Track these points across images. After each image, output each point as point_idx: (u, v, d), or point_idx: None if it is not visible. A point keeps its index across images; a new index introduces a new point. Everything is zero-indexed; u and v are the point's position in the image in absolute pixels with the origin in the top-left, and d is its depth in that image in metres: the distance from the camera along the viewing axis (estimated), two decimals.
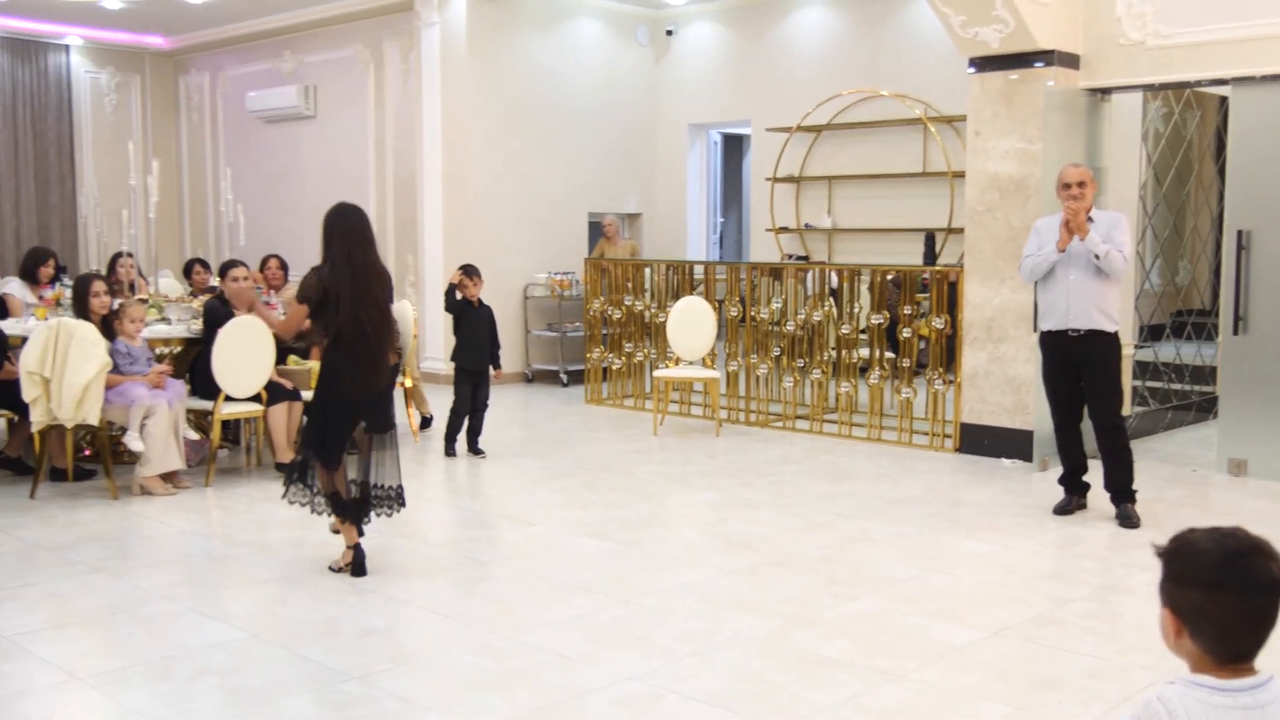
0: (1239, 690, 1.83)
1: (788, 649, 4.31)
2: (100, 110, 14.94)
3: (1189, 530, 1.90)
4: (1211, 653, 1.85)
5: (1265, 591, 1.81)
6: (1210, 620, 1.83)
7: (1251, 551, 1.83)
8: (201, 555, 5.63)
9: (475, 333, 7.91)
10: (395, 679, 4.01)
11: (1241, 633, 1.83)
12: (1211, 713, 1.81)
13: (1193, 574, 1.85)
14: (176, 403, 6.85)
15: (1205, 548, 1.85)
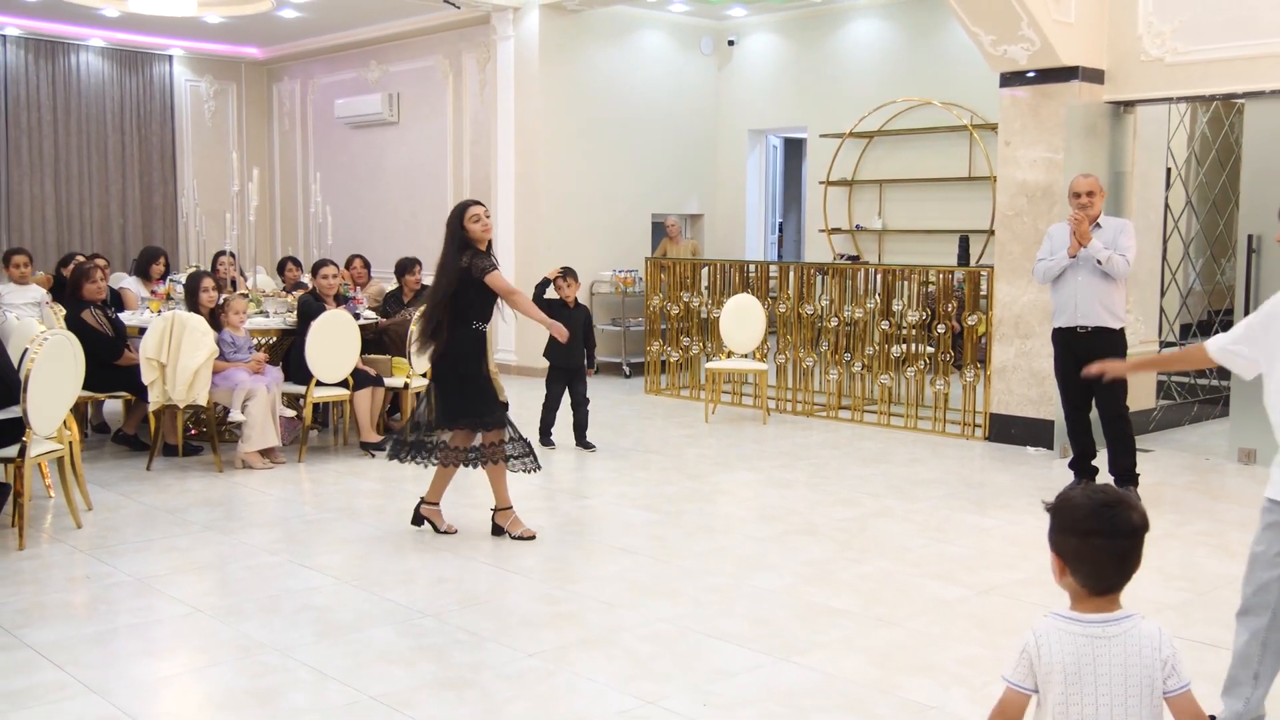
0: (1091, 623, 2.28)
1: (799, 601, 4.99)
2: (200, 117, 15.98)
3: (1069, 488, 2.39)
4: (1085, 586, 2.28)
5: (1127, 535, 2.25)
6: (1084, 560, 2.27)
7: (1116, 503, 2.26)
8: (297, 518, 6.44)
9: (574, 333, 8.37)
10: (462, 617, 4.76)
11: (1109, 569, 2.26)
12: (1065, 639, 2.27)
13: (1071, 523, 2.28)
14: (274, 387, 7.68)
15: (1080, 502, 2.29)
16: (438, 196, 13.72)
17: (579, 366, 8.34)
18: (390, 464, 7.72)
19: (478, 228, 5.73)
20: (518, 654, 4.33)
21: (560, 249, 12.15)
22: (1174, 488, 7.22)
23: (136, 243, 14.73)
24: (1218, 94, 7.84)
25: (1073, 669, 2.26)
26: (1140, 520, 2.27)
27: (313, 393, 7.86)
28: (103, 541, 5.81)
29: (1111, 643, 2.27)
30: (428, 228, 13.83)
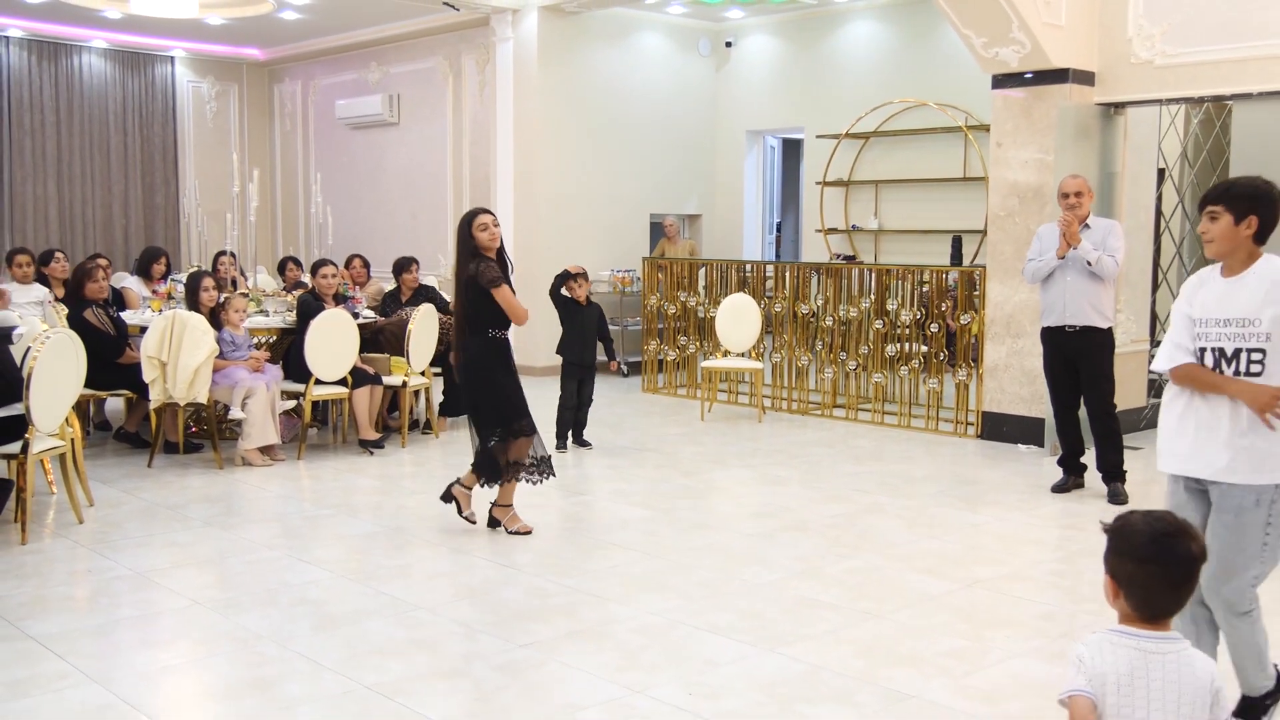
0: (1144, 637, 2.31)
1: (788, 595, 5.08)
2: (201, 117, 16.09)
3: (1130, 512, 2.39)
4: (1138, 610, 2.31)
5: (1183, 564, 2.29)
6: (1138, 585, 2.30)
7: (1176, 533, 2.30)
8: (295, 514, 6.54)
9: (582, 330, 8.38)
10: (457, 609, 4.86)
11: (1163, 596, 2.30)
12: (1118, 650, 2.30)
13: (1129, 549, 2.31)
14: (273, 385, 7.78)
15: (1140, 528, 2.32)
16: (437, 197, 13.83)
17: (591, 364, 8.40)
18: (389, 461, 7.88)
19: (485, 236, 5.81)
20: (509, 645, 4.43)
21: (559, 249, 12.25)
22: (1161, 484, 7.25)
23: (138, 242, 14.85)
24: (1206, 96, 7.93)
25: (1126, 679, 2.28)
26: (1199, 550, 2.30)
27: (312, 391, 7.95)
28: (104, 536, 5.91)
29: (1165, 659, 2.29)
30: (427, 228, 13.95)
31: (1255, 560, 3.51)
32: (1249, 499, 3.49)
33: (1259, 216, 3.50)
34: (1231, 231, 3.53)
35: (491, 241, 5.83)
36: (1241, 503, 3.51)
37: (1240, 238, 3.52)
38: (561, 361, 8.43)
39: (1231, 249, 3.56)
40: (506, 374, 5.97)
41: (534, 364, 12.24)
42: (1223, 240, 3.56)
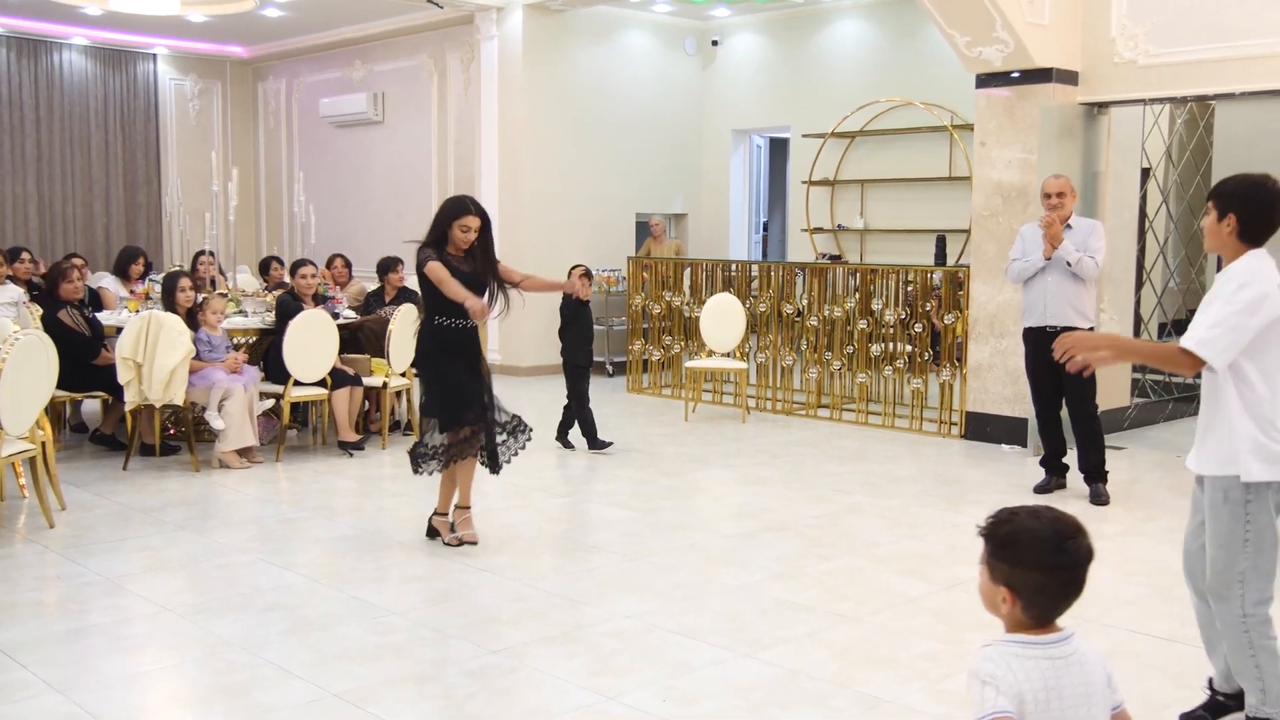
0: (1047, 644, 2.16)
1: (765, 597, 5.03)
2: (184, 115, 15.99)
3: (1012, 514, 2.22)
4: (1037, 619, 2.17)
5: (1084, 565, 2.16)
6: (1045, 595, 2.15)
7: (1076, 533, 2.17)
8: (272, 517, 6.48)
9: (588, 331, 8.34)
10: (429, 614, 4.80)
11: (1065, 601, 2.17)
12: (1026, 663, 2.13)
13: (1032, 558, 2.14)
14: (251, 386, 7.71)
15: (1041, 534, 2.16)
16: (422, 196, 13.75)
17: (588, 365, 8.36)
18: (369, 463, 7.82)
19: (462, 237, 5.61)
20: (481, 650, 4.37)
21: (544, 248, 12.20)
22: (1143, 484, 7.28)
23: (119, 242, 14.72)
24: (1189, 96, 7.90)
25: (1042, 694, 2.13)
26: (1092, 548, 2.19)
27: (290, 392, 7.88)
28: (76, 541, 5.84)
29: (1069, 663, 2.17)
30: (412, 227, 13.80)
31: (1239, 556, 3.46)
32: (1218, 495, 3.48)
33: (1236, 214, 3.45)
34: (1215, 228, 3.51)
35: (463, 244, 5.65)
36: (1213, 498, 3.50)
37: (1222, 235, 3.48)
38: (569, 364, 8.29)
39: (1217, 245, 3.54)
40: (453, 362, 5.68)
41: (520, 363, 12.20)
42: (1208, 237, 3.57)
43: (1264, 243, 3.48)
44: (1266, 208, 3.44)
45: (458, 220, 5.64)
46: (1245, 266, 3.41)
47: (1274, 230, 3.47)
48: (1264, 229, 3.46)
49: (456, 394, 5.69)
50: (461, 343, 5.75)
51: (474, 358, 5.80)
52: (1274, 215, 3.45)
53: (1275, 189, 3.45)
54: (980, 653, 2.18)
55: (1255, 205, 3.44)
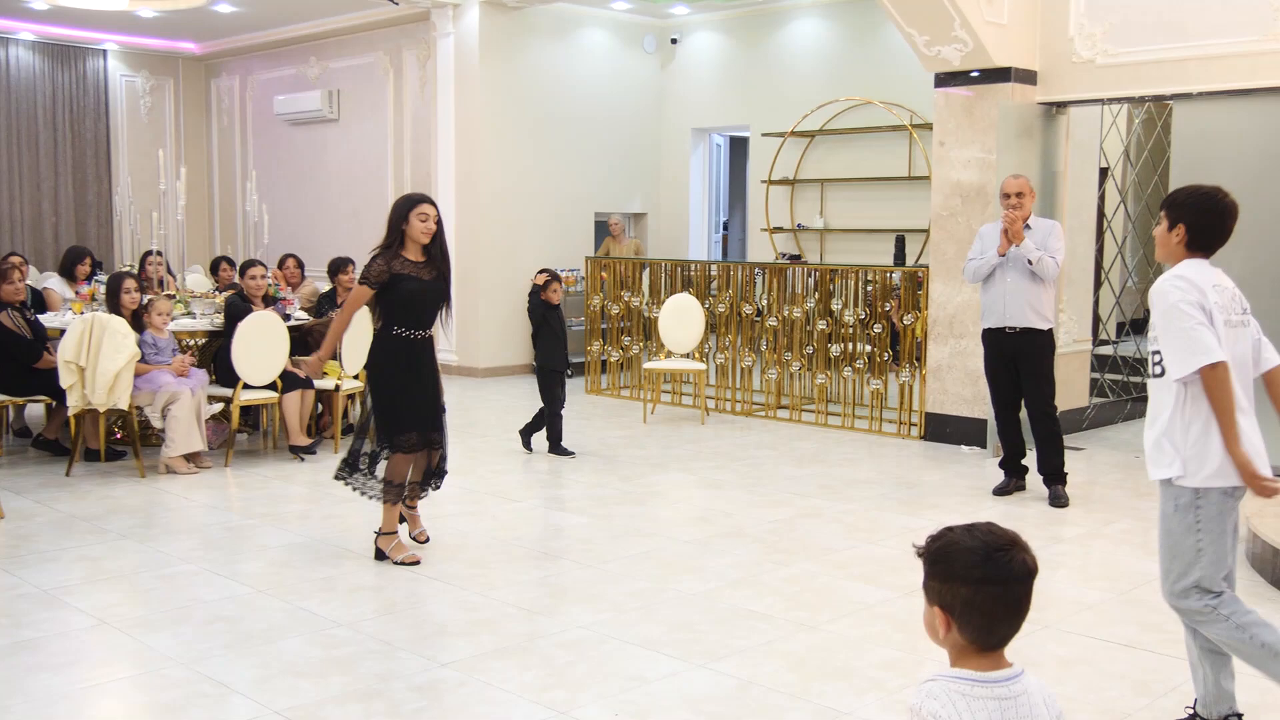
0: (994, 682, 2.01)
1: (721, 605, 4.94)
2: (135, 112, 15.71)
3: (947, 530, 2.07)
4: (976, 641, 2.01)
5: (1021, 580, 2.00)
6: (977, 611, 2.00)
7: (1009, 545, 2.02)
8: (218, 525, 6.31)
9: (561, 334, 8.18)
10: (378, 625, 4.67)
11: (1002, 620, 2.01)
12: (972, 703, 1.99)
13: (960, 571, 2.00)
14: (199, 390, 7.53)
15: (969, 545, 2.01)
16: (379, 194, 13.57)
17: (563, 369, 8.24)
18: (321, 468, 7.67)
19: (422, 226, 5.43)
20: (430, 664, 4.25)
21: (502, 248, 12.08)
22: (1102, 486, 7.25)
23: (69, 242, 14.44)
24: (1147, 95, 7.89)
25: None
26: (1033, 563, 2.04)
27: (239, 396, 7.71)
28: (12, 551, 5.66)
29: (1019, 702, 2.02)
30: (370, 226, 13.66)
31: (1193, 566, 3.40)
32: (1169, 503, 3.44)
33: (1185, 224, 3.44)
34: (1165, 238, 3.51)
35: (424, 235, 5.47)
36: (1164, 506, 3.46)
37: (1171, 244, 3.49)
38: (543, 369, 8.12)
39: (1166, 255, 3.54)
40: (405, 376, 5.43)
41: (476, 364, 12.06)
42: (1159, 246, 3.57)
43: (1212, 253, 3.47)
44: (1216, 218, 3.43)
45: (414, 210, 5.45)
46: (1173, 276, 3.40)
47: (1223, 241, 3.46)
48: (1213, 239, 3.45)
49: (407, 413, 5.45)
50: (417, 354, 5.48)
51: (429, 370, 5.56)
52: (1223, 226, 3.44)
53: (1225, 200, 3.45)
54: (923, 688, 2.03)
55: (1205, 216, 3.43)
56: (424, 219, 5.47)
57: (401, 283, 5.40)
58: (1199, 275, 3.40)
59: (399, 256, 5.44)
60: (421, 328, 5.49)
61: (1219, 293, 3.40)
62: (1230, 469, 3.35)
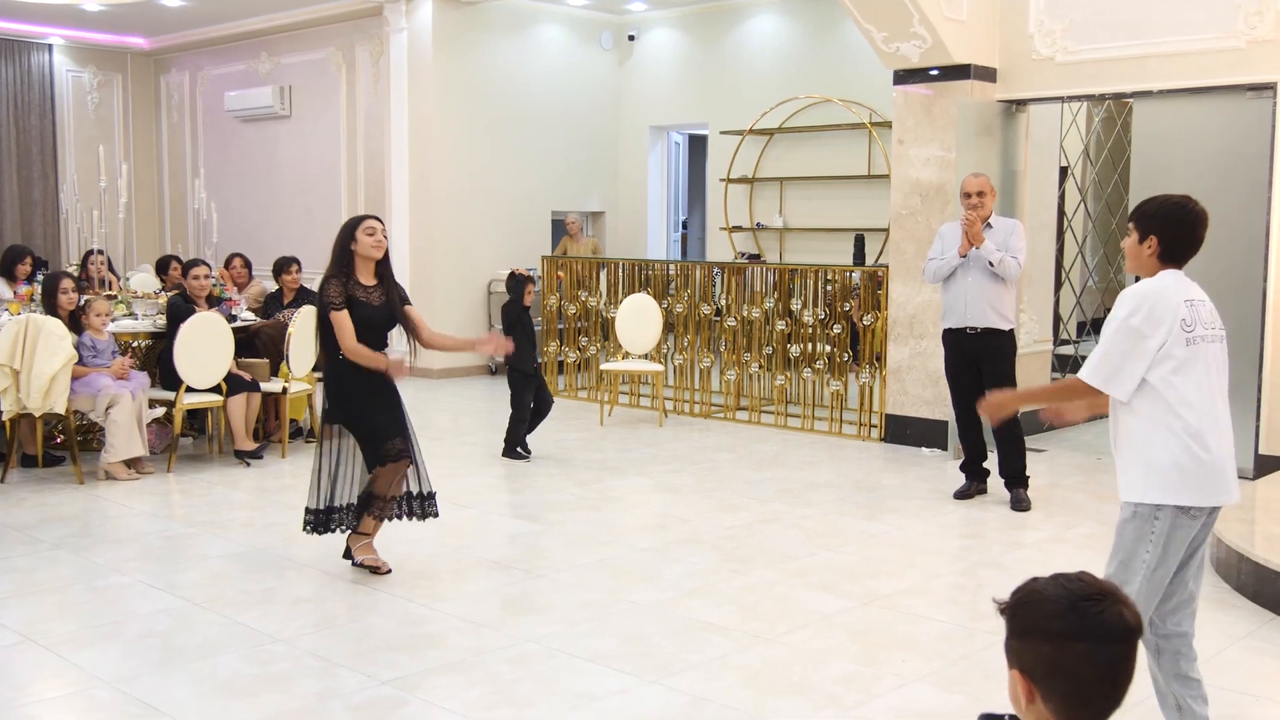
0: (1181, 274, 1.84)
1: (675, 616, 4.79)
2: (82, 108, 15.36)
3: (1032, 580, 1.76)
4: (1069, 713, 1.68)
5: (1118, 639, 1.66)
6: (1062, 675, 1.67)
7: (1102, 595, 1.69)
8: (156, 534, 6.09)
9: (532, 336, 8.01)
10: (317, 640, 4.48)
11: (1096, 688, 1.66)
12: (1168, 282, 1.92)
13: (1040, 624, 1.69)
14: (139, 393, 7.30)
15: (1051, 594, 1.70)
16: (331, 192, 13.33)
17: (536, 370, 8.08)
18: (266, 473, 7.46)
19: (370, 241, 5.16)
20: (370, 681, 4.07)
21: (457, 248, 11.88)
22: (1063, 488, 7.16)
23: (14, 240, 14.08)
24: (1107, 93, 7.81)
25: None
26: (1135, 619, 1.68)
27: (182, 399, 7.48)
28: None
29: None
30: (322, 224, 13.42)
31: (1136, 578, 3.28)
32: (1127, 510, 3.35)
33: (1158, 236, 3.32)
34: (1136, 250, 3.39)
35: (375, 249, 5.20)
36: (1123, 514, 3.36)
37: (1143, 257, 3.36)
38: (514, 371, 7.93)
39: (1137, 267, 3.42)
40: (367, 397, 5.21)
41: (432, 366, 11.85)
42: (1130, 259, 3.45)
43: (1184, 264, 3.36)
44: (1187, 229, 3.32)
45: (360, 226, 5.19)
46: (1144, 290, 3.28)
47: (1195, 250, 3.35)
48: (1185, 250, 3.34)
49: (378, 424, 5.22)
50: (370, 377, 5.21)
51: (390, 391, 5.31)
52: (1195, 235, 3.33)
53: (1195, 210, 3.34)
54: None
55: (1176, 227, 3.31)
56: (371, 233, 5.19)
57: (353, 308, 5.15)
58: (1174, 288, 3.28)
59: (351, 279, 5.20)
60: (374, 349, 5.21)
61: (1196, 308, 3.28)
62: None
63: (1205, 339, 3.28)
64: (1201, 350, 3.27)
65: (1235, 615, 4.82)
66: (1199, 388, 3.26)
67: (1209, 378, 3.28)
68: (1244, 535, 5.32)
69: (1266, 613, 4.85)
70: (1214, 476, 3.26)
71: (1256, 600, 4.95)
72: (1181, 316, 3.23)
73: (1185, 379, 3.25)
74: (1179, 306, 3.24)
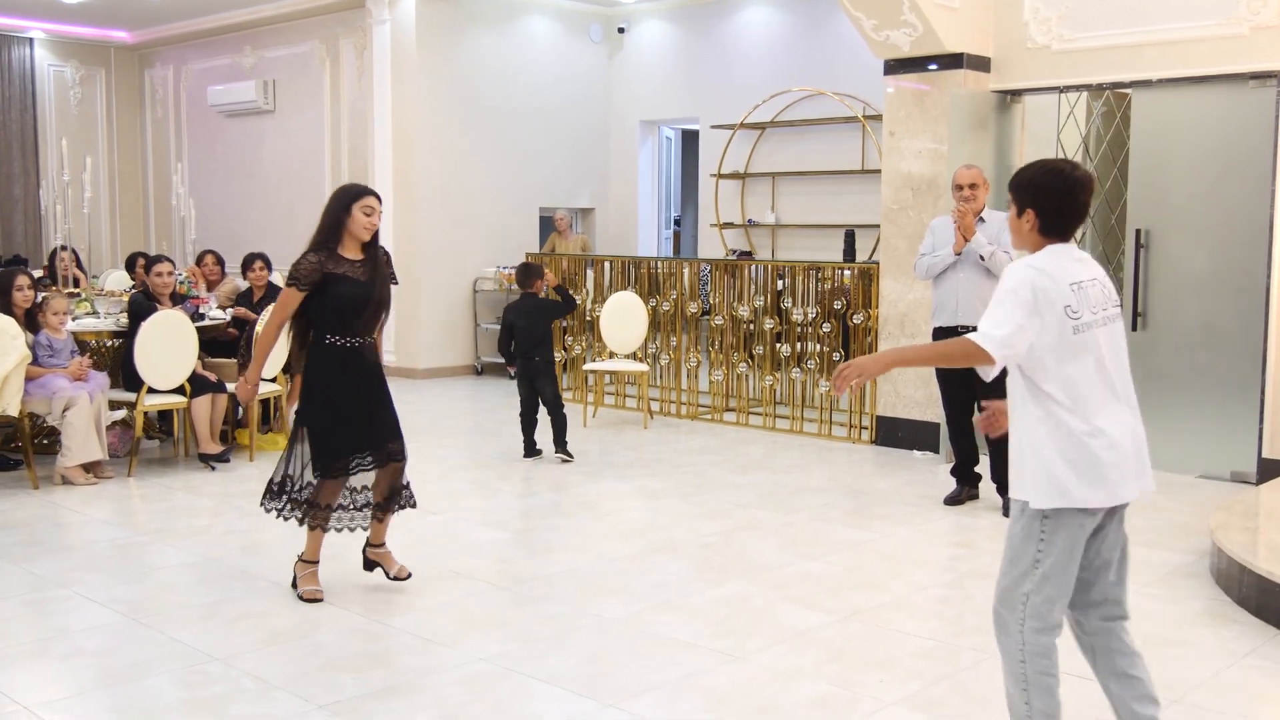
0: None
1: (641, 633, 4.50)
2: (65, 104, 15.10)
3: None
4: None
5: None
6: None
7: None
8: (106, 543, 5.81)
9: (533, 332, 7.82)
10: (257, 660, 4.20)
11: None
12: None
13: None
14: (98, 394, 7.02)
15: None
16: (315, 188, 13.03)
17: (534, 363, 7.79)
18: (231, 478, 7.19)
19: (365, 220, 4.77)
20: (308, 706, 3.79)
21: (442, 245, 11.60)
22: None
23: None
24: (1105, 83, 7.52)
25: None
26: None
27: (144, 400, 7.21)
28: None
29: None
30: (305, 220, 13.05)
31: (1025, 578, 3.05)
32: (1016, 508, 3.12)
33: (1034, 208, 3.04)
34: (1016, 224, 3.11)
35: (366, 231, 4.82)
36: (1013, 512, 3.16)
37: (1024, 232, 3.09)
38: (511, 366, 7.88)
39: (1021, 242, 3.13)
40: (344, 394, 4.79)
41: (416, 365, 11.59)
42: (1012, 233, 3.16)
43: (1069, 236, 3.07)
44: (1066, 197, 3.01)
45: (359, 202, 4.79)
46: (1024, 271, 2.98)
47: (1079, 221, 3.06)
48: (1067, 221, 3.05)
49: (341, 434, 4.79)
50: (357, 365, 4.83)
51: (375, 383, 4.93)
52: (1075, 205, 3.03)
53: (1075, 175, 3.03)
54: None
55: (1053, 196, 3.02)
56: (369, 213, 4.79)
57: (335, 284, 4.73)
58: (1059, 268, 2.99)
59: (334, 255, 4.79)
60: (356, 335, 4.82)
61: (1084, 290, 2.99)
62: None
63: (1095, 324, 3.00)
64: (1092, 337, 2.99)
65: (1236, 631, 4.52)
66: (1091, 378, 2.98)
67: (1103, 365, 3.00)
68: (1246, 545, 5.02)
69: (1271, 628, 4.56)
70: (1111, 472, 2.99)
71: (1260, 615, 4.65)
72: (1066, 304, 2.95)
73: (1078, 368, 2.97)
74: (1064, 293, 2.95)
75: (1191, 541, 5.76)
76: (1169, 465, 7.30)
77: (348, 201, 4.83)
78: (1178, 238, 7.31)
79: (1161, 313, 7.35)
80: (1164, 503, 6.60)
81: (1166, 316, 7.34)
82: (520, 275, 7.97)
